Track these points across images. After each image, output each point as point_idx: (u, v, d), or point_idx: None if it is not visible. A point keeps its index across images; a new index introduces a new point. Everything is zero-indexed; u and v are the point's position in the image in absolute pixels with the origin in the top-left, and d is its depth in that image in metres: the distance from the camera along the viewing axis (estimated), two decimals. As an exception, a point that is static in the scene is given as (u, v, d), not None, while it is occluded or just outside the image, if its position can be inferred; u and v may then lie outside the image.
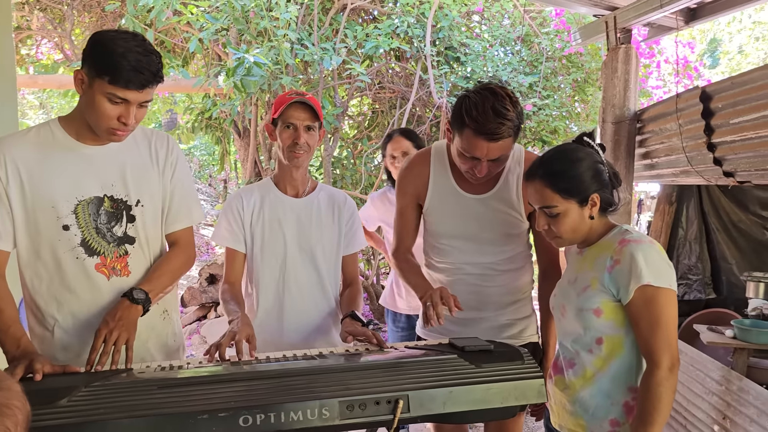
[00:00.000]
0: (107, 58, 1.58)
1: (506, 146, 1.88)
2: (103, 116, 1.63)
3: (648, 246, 1.63)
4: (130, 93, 1.60)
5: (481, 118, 1.81)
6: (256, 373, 1.50)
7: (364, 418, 1.41)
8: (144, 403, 1.35)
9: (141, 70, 1.59)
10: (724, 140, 3.03)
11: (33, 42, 7.30)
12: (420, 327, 2.26)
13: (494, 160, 1.90)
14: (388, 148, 3.23)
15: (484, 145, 1.84)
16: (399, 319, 3.32)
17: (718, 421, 2.90)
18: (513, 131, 1.86)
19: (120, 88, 1.59)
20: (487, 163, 1.89)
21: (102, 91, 1.60)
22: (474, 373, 1.53)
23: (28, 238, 1.73)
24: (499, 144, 1.84)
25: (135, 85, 1.60)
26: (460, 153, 1.92)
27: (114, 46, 1.58)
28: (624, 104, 3.82)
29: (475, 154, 1.87)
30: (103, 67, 1.58)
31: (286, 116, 2.06)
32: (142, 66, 1.59)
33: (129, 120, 1.65)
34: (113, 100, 1.61)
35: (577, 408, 1.75)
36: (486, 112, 1.81)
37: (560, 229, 1.72)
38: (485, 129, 1.81)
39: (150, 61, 1.61)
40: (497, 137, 1.82)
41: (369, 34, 5.28)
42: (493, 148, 1.85)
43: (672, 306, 1.60)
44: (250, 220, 2.14)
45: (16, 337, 1.61)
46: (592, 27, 4.23)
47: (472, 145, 1.86)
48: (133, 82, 1.59)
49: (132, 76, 1.58)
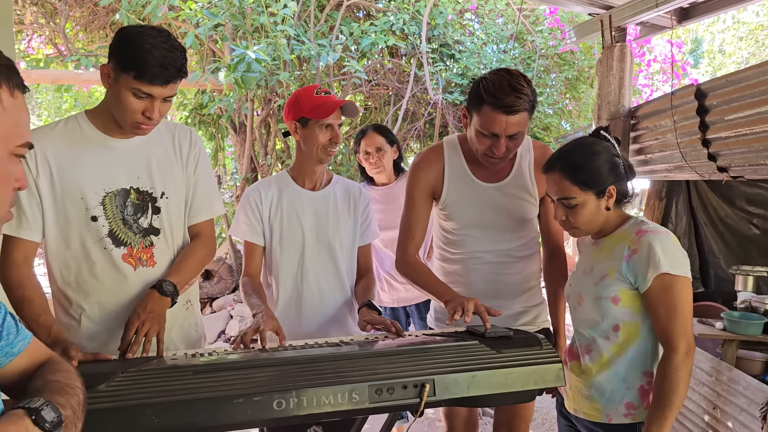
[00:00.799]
0: (133, 54, 1.61)
1: (523, 121, 1.94)
2: (128, 110, 1.67)
3: (665, 236, 1.69)
4: (155, 88, 1.64)
5: (499, 93, 1.89)
6: (286, 359, 1.54)
7: (392, 401, 1.45)
8: (181, 388, 1.38)
9: (166, 66, 1.62)
10: (719, 136, 3.11)
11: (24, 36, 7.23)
12: (432, 320, 2.31)
13: (511, 137, 1.95)
14: (361, 144, 3.24)
15: (502, 119, 1.91)
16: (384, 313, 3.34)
17: (708, 411, 2.97)
18: (528, 106, 1.93)
19: (145, 83, 1.62)
20: (505, 141, 1.95)
21: (127, 86, 1.63)
22: (495, 358, 1.58)
23: (58, 228, 1.75)
24: (516, 118, 1.91)
25: (160, 81, 1.63)
26: (479, 132, 1.97)
27: (140, 41, 1.61)
28: (619, 101, 3.90)
29: (494, 130, 1.93)
30: (129, 63, 1.61)
31: (326, 117, 2.08)
32: (167, 62, 1.63)
33: (153, 114, 1.68)
34: (138, 95, 1.64)
35: (593, 392, 1.81)
36: (503, 88, 1.89)
37: (578, 220, 1.78)
38: (503, 102, 1.89)
39: (175, 56, 1.65)
40: (515, 110, 1.89)
41: (365, 31, 5.31)
42: (511, 123, 1.92)
43: (688, 293, 1.66)
44: (268, 213, 2.17)
45: (47, 326, 1.63)
46: (587, 25, 4.30)
47: (491, 120, 1.92)
48: (158, 77, 1.62)
49: (157, 72, 1.61)
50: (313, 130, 2.10)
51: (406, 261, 2.16)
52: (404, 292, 3.28)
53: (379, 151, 3.17)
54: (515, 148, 2.03)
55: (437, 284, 2.06)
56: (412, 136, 6.04)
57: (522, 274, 2.20)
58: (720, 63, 15.16)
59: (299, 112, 2.11)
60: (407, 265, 2.15)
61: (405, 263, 2.16)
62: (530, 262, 2.22)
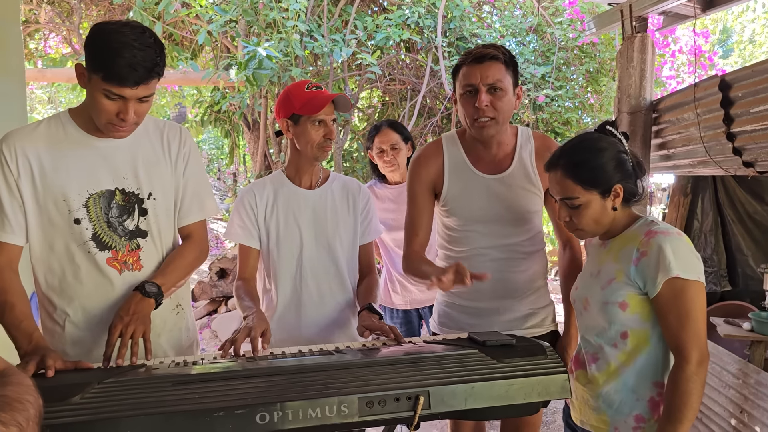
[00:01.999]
0: (101, 54, 1.53)
1: (499, 72, 1.94)
2: (102, 112, 1.60)
3: (676, 238, 1.58)
4: (125, 90, 1.56)
5: (468, 52, 2.00)
6: (272, 369, 1.47)
7: (384, 414, 1.38)
8: (158, 400, 1.32)
9: (135, 67, 1.53)
10: (744, 129, 2.97)
11: (41, 36, 7.29)
12: (435, 325, 2.22)
13: (492, 88, 1.94)
14: (375, 140, 3.14)
15: (476, 69, 1.94)
16: (396, 315, 3.27)
17: (735, 415, 2.87)
18: (502, 59, 1.96)
19: (114, 85, 1.54)
20: (486, 94, 1.93)
21: (98, 88, 1.56)
22: (496, 369, 1.49)
23: (42, 231, 1.70)
24: (489, 67, 1.93)
25: (129, 83, 1.55)
26: (461, 96, 2.00)
27: (109, 40, 1.53)
28: (640, 94, 3.76)
29: (471, 81, 1.95)
30: (97, 63, 1.54)
31: (317, 113, 2.01)
32: (137, 62, 1.53)
33: (127, 116, 1.60)
34: (110, 96, 1.57)
35: (600, 403, 1.71)
36: (471, 49, 2.02)
37: (582, 221, 1.67)
38: (473, 56, 1.96)
39: (145, 56, 1.55)
40: (483, 57, 1.94)
41: (379, 25, 5.23)
42: (485, 72, 1.93)
43: (701, 299, 1.55)
44: (264, 215, 2.11)
45: (28, 332, 1.58)
46: (606, 16, 4.17)
47: (467, 75, 1.97)
48: (128, 79, 1.54)
49: (125, 73, 1.53)
50: (306, 126, 2.03)
51: (411, 258, 2.10)
52: (417, 293, 3.20)
53: (394, 149, 3.08)
54: (502, 108, 1.97)
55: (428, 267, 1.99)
56: (429, 131, 5.94)
57: (529, 272, 2.10)
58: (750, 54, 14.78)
59: (290, 109, 2.04)
60: (411, 262, 2.10)
61: (409, 260, 2.11)
62: (537, 260, 2.13)
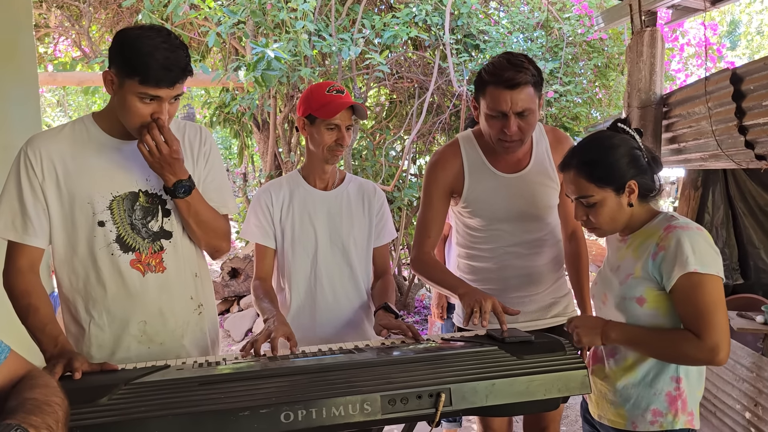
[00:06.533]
0: (135, 59, 1.57)
1: (529, 97, 1.92)
2: (136, 115, 1.63)
3: (695, 232, 1.59)
4: (162, 90, 1.60)
5: (499, 71, 1.91)
6: (296, 369, 1.49)
7: (406, 412, 1.39)
8: (185, 401, 1.34)
9: (170, 68, 1.58)
10: (757, 122, 2.96)
11: (51, 40, 7.33)
12: (460, 320, 2.25)
13: (520, 114, 1.92)
14: None
15: (507, 95, 1.90)
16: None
17: (750, 408, 2.87)
18: (532, 81, 1.92)
19: (151, 87, 1.58)
20: (515, 119, 1.92)
21: (133, 92, 1.59)
22: (516, 365, 1.51)
23: (65, 234, 1.72)
24: (521, 93, 1.90)
25: (166, 83, 1.59)
26: (488, 116, 1.97)
27: (140, 45, 1.57)
28: (650, 88, 3.75)
29: (501, 108, 1.91)
30: (132, 68, 1.57)
31: (332, 117, 2.02)
32: (171, 63, 1.58)
33: (163, 116, 1.64)
34: (145, 99, 1.60)
35: (618, 398, 1.72)
36: (503, 65, 1.92)
37: (599, 220, 1.68)
38: (504, 78, 1.89)
39: (178, 56, 1.60)
40: (517, 83, 1.89)
41: (387, 24, 5.23)
42: (516, 98, 1.90)
43: (718, 292, 1.56)
44: (279, 215, 2.12)
45: (53, 336, 1.61)
46: (615, 10, 4.16)
47: (496, 99, 1.91)
48: (164, 80, 1.58)
49: (162, 74, 1.57)
50: (320, 128, 2.05)
51: (422, 259, 2.15)
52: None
53: None
54: (529, 130, 1.98)
55: (451, 278, 2.05)
56: (438, 129, 5.94)
57: (550, 264, 2.17)
58: (759, 45, 14.66)
59: (308, 108, 2.06)
60: (422, 263, 2.15)
61: (420, 261, 2.16)
62: (557, 251, 2.20)
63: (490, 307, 1.77)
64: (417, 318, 6.41)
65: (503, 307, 1.78)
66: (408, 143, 5.69)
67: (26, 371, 1.11)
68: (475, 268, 2.17)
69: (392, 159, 6.07)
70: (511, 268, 2.12)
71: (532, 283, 2.13)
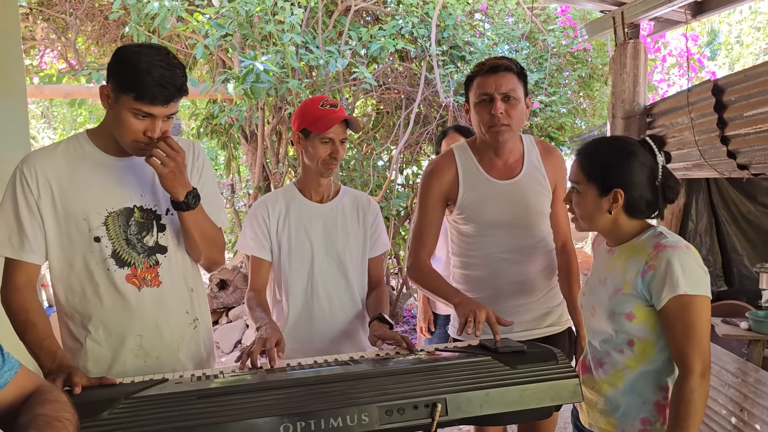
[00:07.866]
0: (132, 75, 1.59)
1: (512, 82, 2.02)
2: (129, 131, 1.65)
3: (684, 252, 1.61)
4: (156, 108, 1.62)
5: (482, 63, 2.08)
6: (293, 381, 1.51)
7: (403, 422, 1.41)
8: (184, 414, 1.35)
9: (166, 86, 1.60)
10: (738, 133, 3.03)
11: (36, 52, 7.30)
12: (454, 330, 2.27)
13: (506, 98, 2.01)
14: (443, 145, 3.20)
15: (491, 79, 2.02)
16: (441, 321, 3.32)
17: (735, 413, 2.90)
18: (515, 70, 2.04)
19: (146, 103, 1.60)
20: (501, 103, 2.01)
21: (128, 107, 1.61)
22: (509, 375, 1.54)
23: (61, 250, 1.73)
24: (503, 76, 2.01)
25: (160, 101, 1.61)
26: (476, 105, 2.06)
27: (138, 61, 1.59)
28: (634, 99, 3.83)
29: (486, 90, 2.02)
30: (128, 84, 1.60)
31: (326, 131, 2.06)
32: (167, 81, 1.60)
33: (155, 134, 1.66)
34: (138, 115, 1.62)
35: (607, 407, 1.75)
36: (485, 61, 2.09)
37: (576, 209, 1.75)
38: (487, 66, 2.04)
39: (174, 75, 1.62)
40: (498, 68, 2.02)
41: (373, 36, 5.28)
42: (499, 81, 2.01)
43: (706, 312, 1.59)
44: (276, 228, 2.15)
45: (52, 351, 1.62)
46: (599, 23, 4.23)
47: (481, 84, 2.04)
48: (159, 97, 1.60)
49: (157, 91, 1.59)
50: (314, 142, 2.09)
51: (417, 267, 2.17)
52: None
53: None
54: (516, 117, 2.05)
55: (447, 287, 2.08)
56: (425, 139, 5.99)
57: (544, 272, 2.20)
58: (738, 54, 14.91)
59: (302, 122, 2.09)
60: (418, 271, 2.17)
61: (416, 269, 2.18)
62: (550, 259, 2.22)
63: (484, 317, 1.79)
64: (405, 328, 6.43)
65: (497, 318, 1.81)
66: (395, 153, 5.72)
67: (36, 386, 1.12)
68: (469, 277, 2.19)
69: (380, 169, 6.10)
70: (503, 275, 2.14)
71: (525, 291, 2.15)
